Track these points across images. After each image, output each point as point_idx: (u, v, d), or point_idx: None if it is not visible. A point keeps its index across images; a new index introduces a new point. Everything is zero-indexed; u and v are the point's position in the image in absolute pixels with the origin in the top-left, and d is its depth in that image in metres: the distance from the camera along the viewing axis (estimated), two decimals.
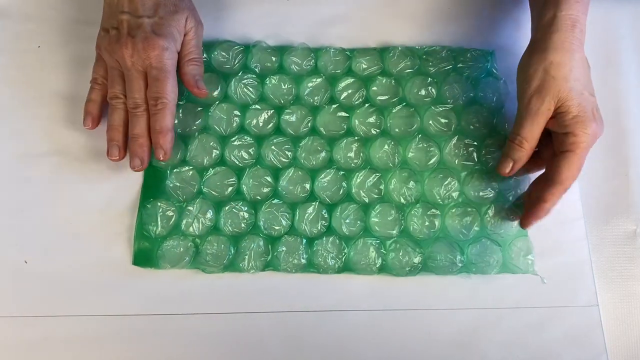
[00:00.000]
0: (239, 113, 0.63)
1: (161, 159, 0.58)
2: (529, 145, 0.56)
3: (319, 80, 0.66)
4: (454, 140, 0.64)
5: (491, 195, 0.62)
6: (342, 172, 0.62)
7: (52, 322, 0.57)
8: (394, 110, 0.65)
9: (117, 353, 0.56)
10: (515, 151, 0.56)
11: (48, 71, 0.65)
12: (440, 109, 0.65)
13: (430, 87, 0.66)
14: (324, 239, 0.59)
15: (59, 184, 0.61)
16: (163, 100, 0.57)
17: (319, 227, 0.60)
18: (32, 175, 0.61)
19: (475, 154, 0.63)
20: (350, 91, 0.66)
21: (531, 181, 0.60)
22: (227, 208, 0.60)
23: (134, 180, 0.61)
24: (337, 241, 0.59)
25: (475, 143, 0.63)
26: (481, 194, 0.62)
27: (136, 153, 0.58)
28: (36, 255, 0.59)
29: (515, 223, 0.60)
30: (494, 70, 0.67)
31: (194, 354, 0.56)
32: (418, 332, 0.58)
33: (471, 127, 0.64)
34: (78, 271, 0.58)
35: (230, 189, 0.61)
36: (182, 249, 0.58)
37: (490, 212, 0.61)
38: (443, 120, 0.64)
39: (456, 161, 0.63)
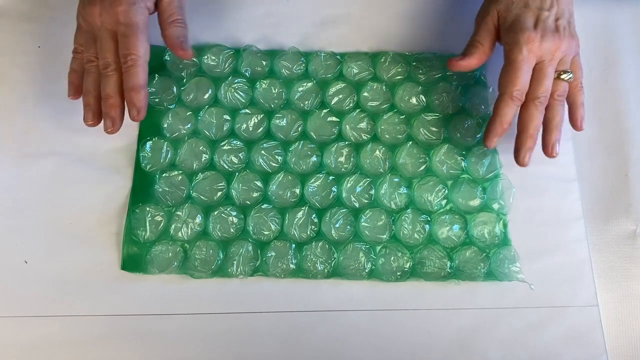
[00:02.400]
0: (229, 117, 0.69)
1: (135, 118, 0.61)
2: (483, 49, 0.65)
3: (309, 84, 0.71)
4: (444, 149, 0.69)
5: (477, 204, 0.67)
6: (332, 177, 0.67)
7: (51, 322, 0.62)
8: (384, 117, 0.70)
9: (116, 353, 0.61)
10: (473, 48, 0.65)
11: (48, 71, 0.71)
12: (430, 118, 0.70)
13: (420, 95, 0.71)
14: (314, 244, 0.64)
15: (59, 184, 0.67)
16: (132, 57, 0.60)
17: (309, 232, 0.65)
18: (32, 175, 0.67)
19: (463, 163, 0.68)
20: (341, 96, 0.71)
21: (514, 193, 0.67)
22: (216, 213, 0.65)
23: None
24: (327, 246, 0.64)
25: (464, 152, 0.69)
26: (468, 202, 0.67)
27: (107, 114, 0.61)
28: (36, 255, 0.64)
29: (498, 231, 0.66)
30: (483, 78, 0.73)
31: (191, 354, 0.61)
32: (418, 332, 0.62)
33: (458, 135, 0.69)
34: (78, 271, 0.63)
35: (219, 193, 0.66)
36: (170, 254, 0.63)
37: (477, 220, 0.66)
38: (433, 129, 0.70)
39: (444, 169, 0.68)
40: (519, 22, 0.62)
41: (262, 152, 0.68)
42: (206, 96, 0.71)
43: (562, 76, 0.63)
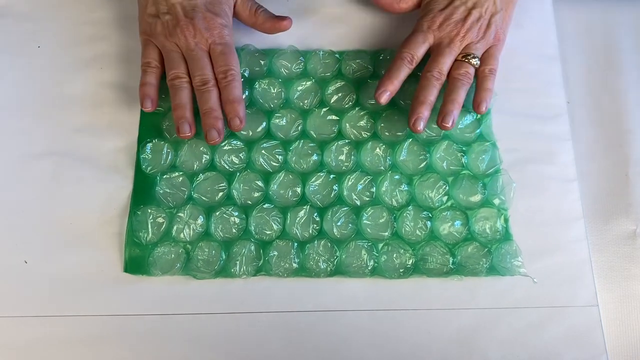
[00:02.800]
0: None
1: (237, 128, 0.65)
2: (405, 4, 0.72)
3: (308, 83, 0.72)
4: (443, 145, 0.70)
5: (478, 199, 0.68)
6: (333, 176, 0.68)
7: (52, 322, 0.62)
8: (384, 114, 0.71)
9: (116, 353, 0.61)
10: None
11: (48, 71, 0.72)
12: (430, 115, 0.70)
13: None
14: (316, 242, 0.65)
15: (59, 184, 0.67)
16: (232, 72, 0.65)
17: (311, 231, 0.66)
18: (32, 175, 0.67)
19: (463, 159, 0.69)
20: (340, 94, 0.72)
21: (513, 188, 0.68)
22: (217, 213, 0.66)
23: (132, 180, 0.68)
24: (329, 244, 0.65)
25: (464, 148, 0.69)
26: (469, 198, 0.68)
27: (212, 125, 0.64)
28: (36, 255, 0.64)
29: (500, 226, 0.67)
30: None
31: (192, 355, 0.62)
32: (418, 332, 0.63)
33: (458, 131, 0.70)
34: (78, 271, 0.64)
35: (220, 194, 0.67)
36: (173, 255, 0.64)
37: (478, 216, 0.67)
38: (433, 125, 0.70)
39: (445, 165, 0.69)
40: (432, 3, 0.69)
41: (263, 151, 0.69)
42: None
43: (468, 58, 0.66)
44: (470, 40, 0.67)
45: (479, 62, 0.67)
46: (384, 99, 0.66)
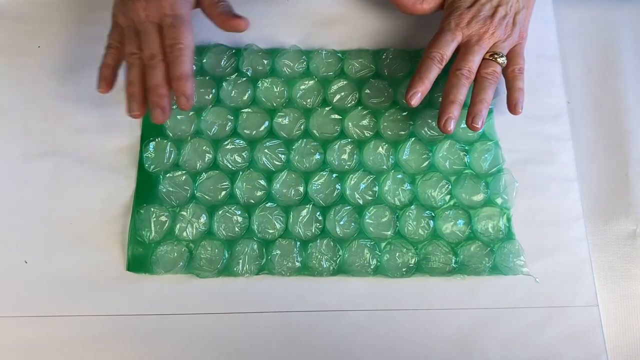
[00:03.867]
0: (231, 117, 0.70)
1: (184, 107, 0.61)
2: (427, 5, 0.70)
3: (311, 82, 0.72)
4: (446, 145, 0.70)
5: (481, 198, 0.68)
6: (335, 175, 0.68)
7: (52, 322, 0.62)
8: (386, 113, 0.71)
9: (117, 353, 0.62)
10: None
11: (48, 71, 0.72)
12: (432, 113, 0.71)
13: None
14: (318, 241, 0.65)
15: (59, 184, 0.67)
16: (179, 46, 0.61)
17: (313, 230, 0.66)
18: (32, 175, 0.68)
19: (466, 159, 0.70)
20: (343, 93, 0.72)
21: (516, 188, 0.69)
22: (220, 212, 0.66)
23: (135, 179, 0.68)
24: (332, 243, 0.65)
25: (466, 147, 0.70)
26: (472, 197, 0.68)
27: (157, 104, 0.61)
28: (36, 255, 0.65)
29: (502, 225, 0.67)
30: None
31: (194, 355, 0.62)
32: (418, 332, 0.64)
33: (461, 130, 0.71)
34: (78, 271, 0.64)
35: (223, 193, 0.67)
36: (176, 254, 0.64)
37: (481, 215, 0.68)
38: (435, 125, 0.70)
39: (447, 165, 0.70)
40: (458, 1, 0.68)
41: (265, 150, 0.69)
42: (209, 96, 0.71)
43: (495, 57, 0.66)
44: (498, 38, 0.66)
45: (505, 61, 0.67)
46: (415, 100, 0.64)
